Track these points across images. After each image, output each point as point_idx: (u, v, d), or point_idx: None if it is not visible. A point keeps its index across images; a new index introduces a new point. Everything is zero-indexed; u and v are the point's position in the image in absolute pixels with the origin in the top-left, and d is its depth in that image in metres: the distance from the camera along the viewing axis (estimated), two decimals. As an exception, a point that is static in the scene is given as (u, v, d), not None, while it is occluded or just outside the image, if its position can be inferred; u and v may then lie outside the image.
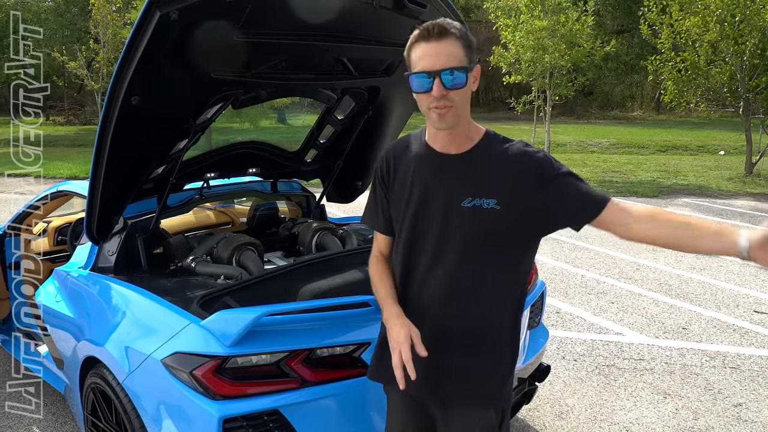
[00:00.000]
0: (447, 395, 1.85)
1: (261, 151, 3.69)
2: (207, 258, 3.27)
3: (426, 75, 1.66)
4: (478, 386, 1.84)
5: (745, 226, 9.13)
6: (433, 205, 1.80)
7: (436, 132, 1.81)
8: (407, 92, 3.63)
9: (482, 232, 1.75)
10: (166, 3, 2.19)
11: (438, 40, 1.65)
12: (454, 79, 1.65)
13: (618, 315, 5.44)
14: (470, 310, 1.80)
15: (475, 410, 1.85)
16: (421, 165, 1.84)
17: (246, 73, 2.80)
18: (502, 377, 1.86)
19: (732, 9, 13.03)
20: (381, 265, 2.00)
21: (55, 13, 32.06)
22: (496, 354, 1.84)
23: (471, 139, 1.80)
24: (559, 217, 1.74)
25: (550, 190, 1.71)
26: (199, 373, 2.15)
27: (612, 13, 35.23)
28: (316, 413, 2.23)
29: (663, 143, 21.15)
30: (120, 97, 2.41)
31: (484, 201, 1.74)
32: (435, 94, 1.66)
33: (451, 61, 1.65)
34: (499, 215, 1.73)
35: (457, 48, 1.66)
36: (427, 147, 1.85)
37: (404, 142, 1.93)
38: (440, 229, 1.79)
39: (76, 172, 15.88)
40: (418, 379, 1.77)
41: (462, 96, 1.70)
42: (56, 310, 3.17)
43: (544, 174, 1.72)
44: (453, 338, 1.82)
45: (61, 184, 4.02)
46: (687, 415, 3.74)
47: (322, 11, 2.59)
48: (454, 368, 1.83)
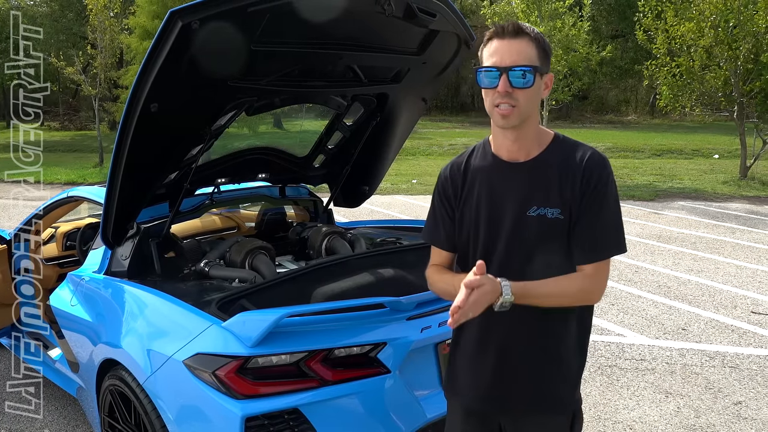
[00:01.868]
0: (519, 404, 1.84)
1: (271, 157, 3.76)
2: (220, 262, 3.32)
3: (494, 70, 1.65)
4: (550, 393, 1.83)
5: (740, 229, 9.25)
6: (502, 215, 1.76)
7: (502, 140, 1.78)
8: (414, 100, 3.74)
9: (546, 242, 1.71)
10: (188, 13, 2.25)
11: (512, 38, 1.65)
12: (522, 77, 1.63)
13: (618, 316, 5.52)
14: (539, 318, 1.75)
15: (548, 417, 1.85)
16: (487, 177, 1.80)
17: (261, 81, 2.86)
18: (572, 382, 1.87)
19: (726, 15, 13.19)
20: (442, 269, 1.95)
21: (51, 17, 32.05)
22: (565, 360, 1.83)
23: (539, 144, 1.77)
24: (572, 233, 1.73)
25: (585, 204, 1.70)
26: (221, 374, 2.21)
27: (606, 18, 35.46)
28: (334, 412, 2.30)
29: (658, 147, 21.31)
30: (140, 104, 2.47)
31: (548, 210, 1.71)
32: (500, 90, 1.64)
33: (521, 59, 1.64)
34: (562, 224, 1.71)
35: (530, 48, 1.66)
36: (494, 157, 1.81)
37: (463, 158, 1.88)
38: (508, 240, 1.75)
39: (74, 178, 15.91)
40: (490, 389, 1.81)
41: (529, 98, 1.67)
42: (72, 314, 3.22)
43: (597, 185, 1.70)
44: (524, 347, 1.81)
45: (71, 190, 4.07)
46: (689, 413, 3.81)
47: (336, 21, 2.65)
48: (526, 377, 1.82)
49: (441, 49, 3.21)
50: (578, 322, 1.84)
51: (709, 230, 9.38)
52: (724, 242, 8.55)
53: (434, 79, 3.56)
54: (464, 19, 3.07)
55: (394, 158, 4.15)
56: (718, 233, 9.16)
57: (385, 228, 4.32)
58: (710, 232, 9.21)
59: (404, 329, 2.46)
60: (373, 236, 3.99)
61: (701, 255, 7.81)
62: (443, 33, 3.08)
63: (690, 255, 7.81)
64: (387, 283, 2.85)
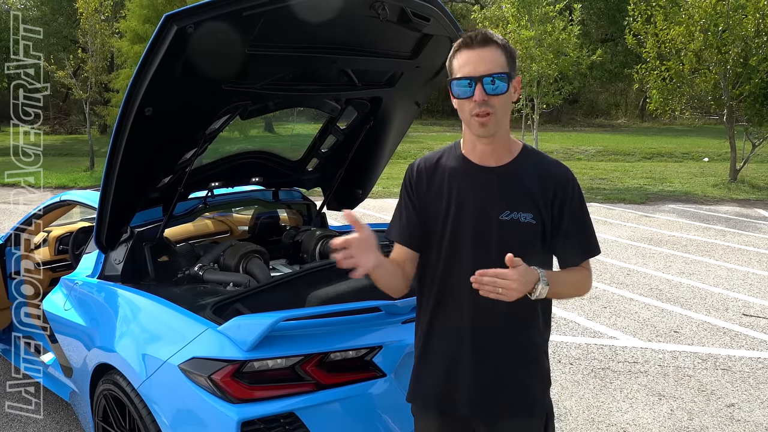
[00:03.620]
0: (496, 408, 1.86)
1: (264, 160, 3.75)
2: (214, 266, 3.32)
3: (468, 80, 1.70)
4: (525, 395, 1.87)
5: (730, 232, 9.31)
6: (472, 217, 1.80)
7: (474, 144, 1.83)
8: (407, 103, 3.75)
9: (519, 245, 1.74)
10: (183, 17, 2.26)
11: (481, 47, 1.70)
12: (496, 84, 1.69)
13: (611, 319, 5.54)
14: (513, 321, 1.82)
15: (523, 420, 1.88)
16: (458, 178, 1.84)
17: (256, 85, 2.87)
18: (544, 384, 1.91)
19: (715, 19, 13.30)
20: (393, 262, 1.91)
21: (41, 21, 31.89)
22: (537, 362, 1.88)
23: (510, 152, 1.84)
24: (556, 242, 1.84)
25: (567, 214, 1.82)
26: (217, 378, 2.21)
27: (596, 22, 35.64)
28: (330, 415, 2.30)
29: (648, 150, 21.43)
30: (134, 108, 2.47)
31: (521, 215, 1.77)
32: (477, 99, 1.69)
33: (493, 67, 1.69)
34: (534, 229, 1.78)
35: (499, 55, 1.71)
36: (464, 160, 1.85)
37: (435, 156, 1.92)
38: (478, 243, 1.79)
39: (65, 182, 15.82)
40: (468, 395, 1.82)
41: (503, 103, 1.72)
42: (65, 318, 3.21)
43: (573, 197, 1.82)
44: (499, 351, 1.84)
45: (64, 194, 4.05)
46: (682, 415, 3.83)
47: (330, 25, 2.66)
48: (501, 380, 1.84)
49: (434, 53, 3.22)
50: (543, 320, 1.91)
51: (700, 233, 9.44)
52: (715, 245, 8.61)
53: (427, 83, 3.58)
54: (457, 23, 3.08)
55: (388, 162, 4.16)
56: (709, 236, 9.21)
57: (379, 231, 4.32)
58: (701, 235, 9.27)
59: (400, 333, 2.47)
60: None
61: (692, 258, 7.86)
62: (437, 37, 3.09)
63: (681, 258, 7.86)
64: None
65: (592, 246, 1.88)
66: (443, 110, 38.06)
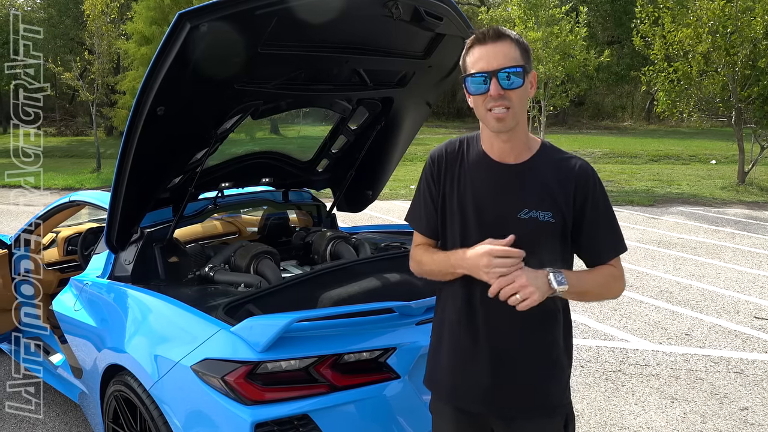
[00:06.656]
0: (514, 408, 1.84)
1: (274, 161, 3.74)
2: (225, 266, 3.30)
3: (482, 76, 1.67)
4: (544, 396, 1.84)
5: (739, 234, 9.25)
6: (489, 215, 1.77)
7: (493, 140, 1.79)
8: (419, 104, 3.72)
9: (537, 244, 1.72)
10: (196, 16, 2.24)
11: (494, 42, 1.68)
12: (511, 78, 1.66)
13: (621, 321, 5.50)
14: (531, 321, 1.78)
15: (542, 419, 1.85)
16: (476, 172, 1.81)
17: (268, 84, 2.85)
18: (563, 384, 1.88)
19: (724, 21, 13.22)
20: (430, 249, 1.92)
21: (48, 23, 32.01)
22: (556, 363, 1.85)
23: (529, 149, 1.80)
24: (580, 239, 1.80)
25: (590, 209, 1.77)
26: (230, 379, 2.19)
27: (603, 24, 35.54)
28: (344, 417, 2.27)
29: (655, 153, 21.34)
30: (146, 108, 2.46)
31: (540, 213, 1.74)
32: (492, 94, 1.66)
33: (507, 61, 1.66)
34: (554, 227, 1.75)
35: (513, 49, 1.68)
36: (484, 155, 1.82)
37: (455, 144, 1.88)
38: (495, 239, 1.73)
39: (71, 183, 15.86)
40: (483, 393, 1.80)
41: (520, 98, 1.69)
42: (75, 319, 3.19)
43: (596, 192, 1.78)
44: (517, 351, 1.82)
45: (73, 194, 4.04)
46: (695, 419, 3.79)
47: (343, 24, 2.64)
48: (520, 381, 1.82)
49: (446, 53, 3.20)
50: (564, 323, 1.88)
51: (709, 235, 9.39)
52: (724, 247, 8.55)
53: (439, 83, 3.55)
54: (469, 23, 3.06)
55: (398, 162, 4.13)
56: (718, 238, 9.16)
57: (389, 233, 4.30)
58: (710, 238, 9.21)
59: (413, 334, 2.44)
60: (377, 241, 3.97)
61: (702, 260, 7.81)
62: (449, 37, 3.06)
63: (690, 260, 7.81)
64: (394, 288, 2.82)
65: (618, 242, 1.82)
66: (449, 112, 38.07)
